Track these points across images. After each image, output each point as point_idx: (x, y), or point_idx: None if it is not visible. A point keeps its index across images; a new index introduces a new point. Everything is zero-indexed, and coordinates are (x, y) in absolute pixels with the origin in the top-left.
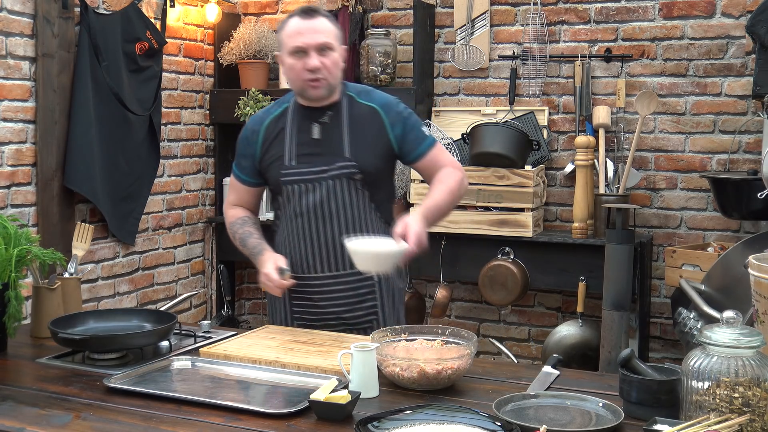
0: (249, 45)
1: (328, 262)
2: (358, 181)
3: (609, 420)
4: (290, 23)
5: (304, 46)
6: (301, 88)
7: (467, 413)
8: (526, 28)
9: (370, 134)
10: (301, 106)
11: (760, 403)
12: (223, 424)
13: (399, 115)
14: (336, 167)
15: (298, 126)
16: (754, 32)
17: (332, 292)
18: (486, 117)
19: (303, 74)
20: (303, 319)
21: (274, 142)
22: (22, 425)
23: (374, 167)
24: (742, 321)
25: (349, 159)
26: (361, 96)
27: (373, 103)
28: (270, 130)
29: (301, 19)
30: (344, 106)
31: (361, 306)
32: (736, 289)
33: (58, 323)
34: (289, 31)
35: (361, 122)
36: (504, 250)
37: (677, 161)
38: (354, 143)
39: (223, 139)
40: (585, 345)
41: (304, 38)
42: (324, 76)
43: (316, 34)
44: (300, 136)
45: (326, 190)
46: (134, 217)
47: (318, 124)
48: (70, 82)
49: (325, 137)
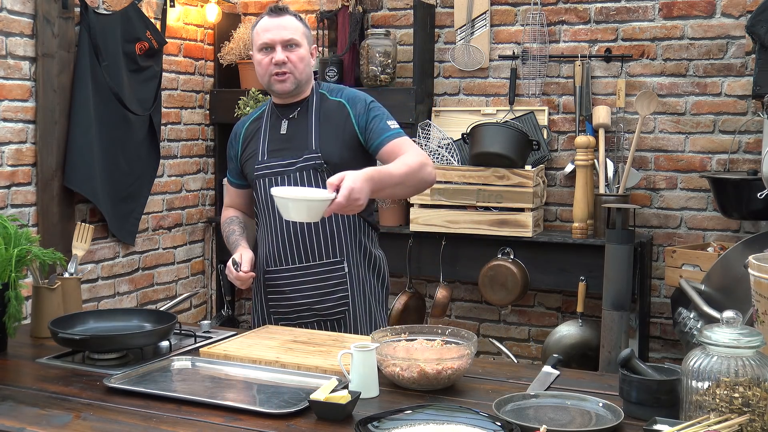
0: (249, 45)
1: (297, 253)
2: (325, 171)
3: (609, 420)
4: (259, 22)
5: (270, 41)
6: (269, 83)
7: (467, 413)
8: (526, 28)
9: (336, 126)
10: (274, 105)
11: (760, 403)
12: (223, 424)
13: (365, 107)
14: (302, 159)
15: (271, 123)
16: (754, 32)
17: (303, 284)
18: (486, 117)
19: (269, 68)
20: (278, 312)
21: (251, 142)
22: (22, 425)
23: (339, 157)
24: (742, 321)
25: (315, 151)
26: (333, 93)
27: (341, 98)
28: (249, 131)
29: (269, 17)
30: (314, 102)
31: (332, 297)
32: (736, 289)
33: (58, 323)
34: (258, 29)
35: (328, 116)
36: (504, 250)
37: (677, 161)
38: (320, 136)
39: (223, 139)
40: (585, 345)
41: (271, 34)
42: (289, 70)
43: (282, 30)
44: (271, 133)
45: (293, 182)
46: (134, 217)
47: (287, 120)
48: (70, 82)
49: (293, 132)
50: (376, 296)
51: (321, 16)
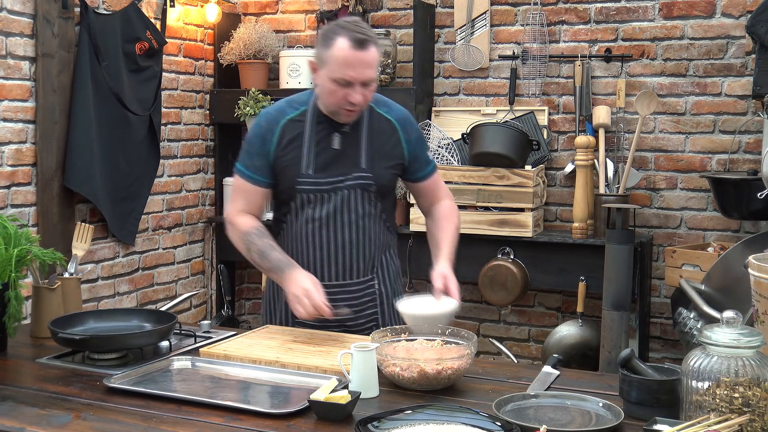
0: (249, 45)
1: (336, 271)
2: (372, 192)
3: (609, 420)
4: (340, 47)
5: (351, 80)
6: (336, 112)
7: (467, 413)
8: (526, 28)
9: (386, 147)
10: (322, 112)
11: (760, 403)
12: (223, 424)
13: (415, 133)
14: (352, 177)
15: (318, 133)
16: (754, 32)
17: (337, 300)
18: (486, 117)
19: (342, 103)
20: (304, 324)
21: (290, 146)
22: (22, 425)
23: (387, 180)
24: (742, 321)
25: (365, 170)
26: (380, 106)
27: (390, 116)
28: (286, 132)
29: (353, 48)
30: (365, 117)
31: (363, 313)
32: (736, 289)
33: (58, 323)
34: (337, 55)
35: (379, 135)
36: (504, 250)
37: (677, 161)
38: (370, 155)
39: (223, 139)
40: (585, 345)
41: (353, 72)
42: (361, 106)
43: (365, 69)
44: (320, 145)
45: (341, 200)
46: (134, 217)
47: (339, 134)
48: (70, 82)
49: (345, 147)
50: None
51: (321, 16)
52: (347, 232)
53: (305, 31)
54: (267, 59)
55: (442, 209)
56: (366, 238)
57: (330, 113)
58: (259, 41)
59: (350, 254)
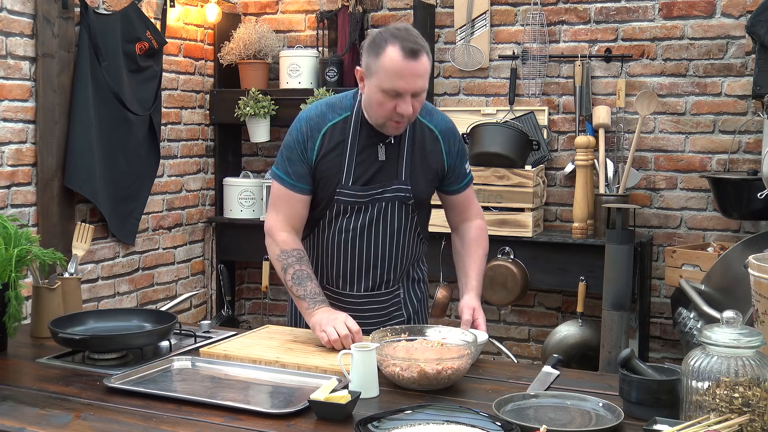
0: (249, 45)
1: (366, 281)
2: (410, 205)
3: (609, 420)
4: (391, 56)
5: (403, 91)
6: (383, 125)
7: (467, 413)
8: (526, 28)
9: (427, 160)
10: (365, 121)
11: (760, 403)
12: (223, 424)
13: (456, 145)
14: (391, 190)
15: (362, 143)
16: (754, 32)
17: (365, 311)
18: (486, 117)
19: (392, 115)
20: None
21: (331, 153)
22: (22, 425)
23: (425, 193)
24: (742, 321)
25: (405, 183)
26: (423, 114)
27: (433, 126)
28: (328, 139)
29: (404, 57)
30: (408, 126)
31: (389, 323)
32: (736, 289)
33: (58, 323)
34: (388, 66)
35: (422, 146)
36: (504, 250)
37: (677, 161)
38: (411, 167)
39: (223, 139)
40: (585, 345)
41: (405, 83)
42: (410, 120)
43: (417, 79)
44: (362, 155)
45: (378, 212)
46: (134, 217)
47: (384, 145)
48: (70, 82)
49: (389, 158)
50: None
51: (321, 16)
52: (380, 245)
53: (305, 31)
54: (267, 59)
55: (473, 231)
56: (399, 251)
57: (376, 125)
58: (259, 41)
59: (382, 267)
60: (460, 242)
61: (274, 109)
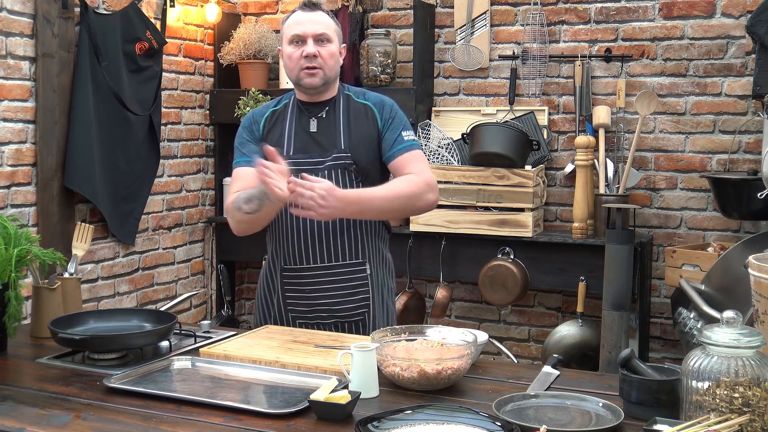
0: (249, 45)
1: (320, 253)
2: (353, 171)
3: (609, 420)
4: (291, 15)
5: (302, 34)
6: (298, 77)
7: (467, 413)
8: (526, 28)
9: (364, 129)
10: (299, 101)
11: (760, 403)
12: (223, 424)
13: (391, 113)
14: (331, 158)
15: (297, 119)
16: (754, 32)
17: (325, 284)
18: (486, 117)
19: (300, 62)
20: (295, 311)
21: (272, 132)
22: (22, 425)
23: (367, 160)
24: (742, 321)
25: (344, 150)
26: (358, 96)
27: (368, 101)
28: (269, 121)
29: (302, 11)
30: (341, 103)
31: (353, 299)
32: (736, 289)
33: (58, 323)
34: (289, 21)
35: (357, 117)
36: (504, 250)
37: (677, 161)
38: (349, 136)
39: (223, 139)
40: (585, 345)
41: (303, 27)
42: (320, 65)
43: (315, 24)
44: (298, 129)
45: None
46: (134, 217)
47: (315, 119)
48: (70, 82)
49: (322, 130)
50: (392, 299)
51: None
52: None
53: None
54: (267, 59)
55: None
56: (346, 221)
57: (296, 82)
58: (259, 41)
59: (333, 235)
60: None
61: None
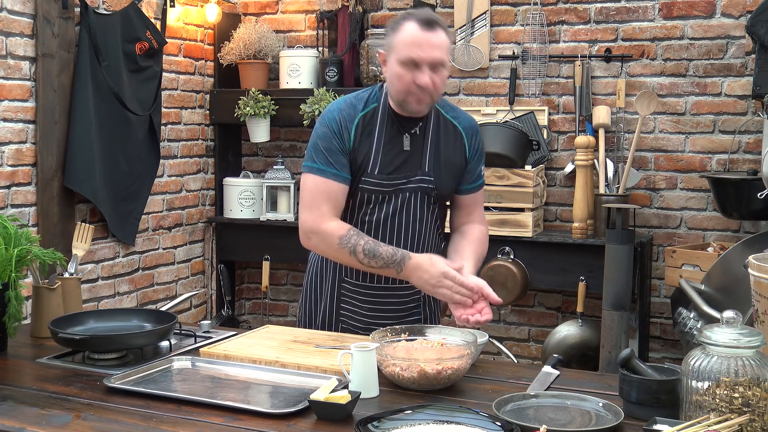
0: (249, 45)
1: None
2: (432, 196)
3: (609, 420)
4: (408, 28)
5: (418, 60)
6: (404, 100)
7: (467, 413)
8: (526, 28)
9: (450, 153)
10: (392, 111)
11: (760, 403)
12: (223, 424)
13: (478, 144)
14: (415, 180)
15: (388, 133)
16: (754, 32)
17: (383, 304)
18: (486, 117)
19: (411, 87)
20: (348, 324)
21: (364, 143)
22: (22, 425)
23: (447, 186)
24: (742, 321)
25: (428, 174)
26: (447, 111)
27: (457, 122)
28: (360, 129)
29: (420, 28)
30: (432, 119)
31: (407, 320)
32: (736, 289)
33: (58, 323)
34: (405, 38)
35: (446, 140)
36: (504, 250)
37: (677, 161)
38: (434, 159)
39: (223, 139)
40: (585, 345)
41: (421, 52)
42: (431, 93)
43: (433, 49)
44: (389, 145)
45: (401, 203)
46: (134, 217)
47: (409, 135)
48: (70, 82)
49: (413, 149)
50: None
51: (321, 16)
52: (402, 237)
53: (305, 31)
54: (267, 59)
55: (476, 231)
56: (420, 244)
57: (399, 103)
58: (259, 41)
59: None
60: (461, 237)
61: (274, 109)
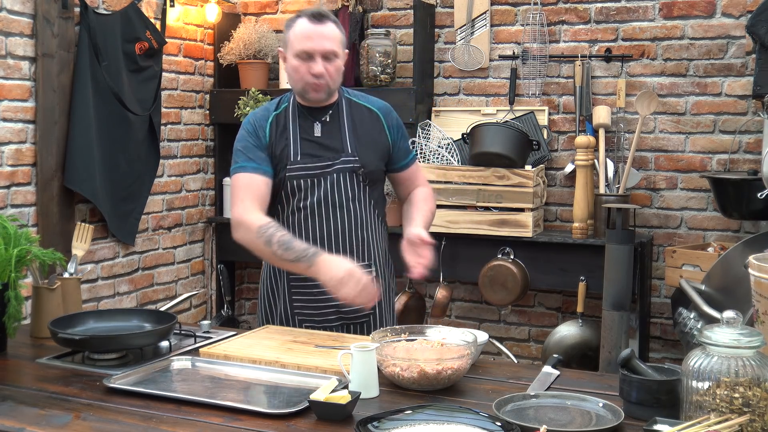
0: (249, 45)
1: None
2: (360, 175)
3: (609, 420)
4: (299, 24)
5: (310, 51)
6: (303, 90)
7: (467, 413)
8: (526, 28)
9: (371, 134)
10: (301, 105)
11: (760, 403)
12: (223, 424)
13: (395, 121)
14: (340, 162)
15: (300, 125)
16: (754, 32)
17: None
18: (486, 117)
19: (307, 77)
20: (302, 314)
21: (280, 138)
22: (22, 425)
23: (374, 165)
24: (742, 321)
25: (351, 154)
26: (359, 98)
27: (370, 105)
28: (274, 126)
29: (310, 22)
30: (343, 107)
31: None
32: (736, 289)
33: (58, 323)
34: (297, 32)
35: (361, 121)
36: (504, 250)
37: (677, 161)
38: (356, 140)
39: (223, 139)
40: (585, 345)
41: (312, 43)
42: (326, 81)
43: (323, 40)
44: (303, 135)
45: (330, 183)
46: (134, 217)
47: (319, 123)
48: (70, 82)
49: (326, 134)
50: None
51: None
52: (338, 216)
53: None
54: (267, 59)
55: (419, 193)
56: (357, 221)
57: (300, 93)
58: (259, 41)
59: (342, 238)
60: (408, 204)
61: None
